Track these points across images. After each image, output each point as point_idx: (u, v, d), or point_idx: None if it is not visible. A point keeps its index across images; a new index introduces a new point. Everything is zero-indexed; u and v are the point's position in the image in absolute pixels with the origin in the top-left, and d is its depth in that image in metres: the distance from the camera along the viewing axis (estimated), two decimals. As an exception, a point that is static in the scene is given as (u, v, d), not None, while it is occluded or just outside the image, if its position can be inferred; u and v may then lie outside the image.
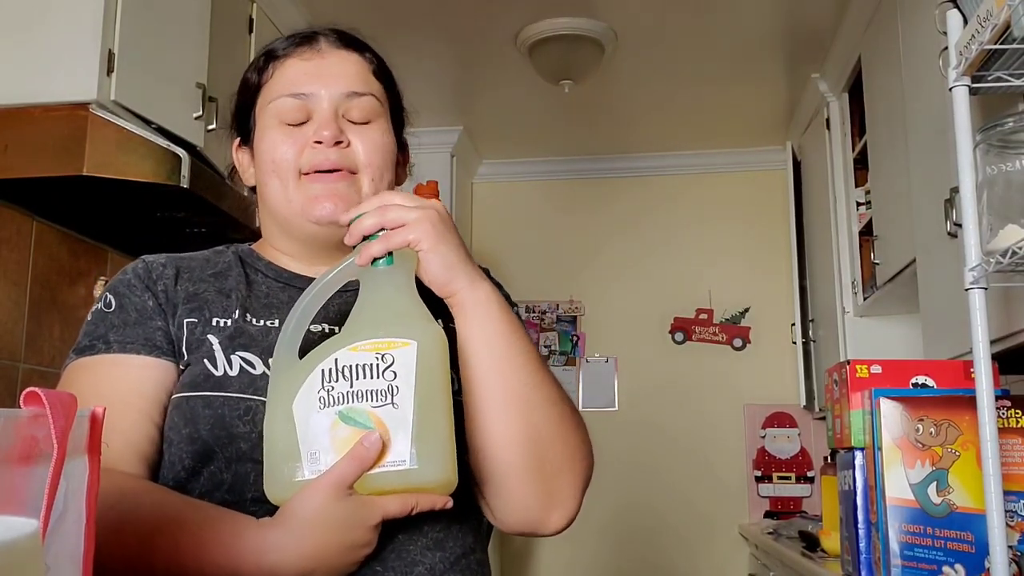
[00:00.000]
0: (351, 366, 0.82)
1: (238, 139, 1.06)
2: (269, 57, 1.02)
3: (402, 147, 1.08)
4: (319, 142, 0.96)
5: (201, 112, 2.15)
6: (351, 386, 0.82)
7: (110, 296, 0.98)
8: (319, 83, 0.98)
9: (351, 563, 0.82)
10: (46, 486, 0.46)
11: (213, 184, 2.01)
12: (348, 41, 1.03)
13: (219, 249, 1.06)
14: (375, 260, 0.88)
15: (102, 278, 2.31)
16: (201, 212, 2.08)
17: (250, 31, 2.57)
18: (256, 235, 1.10)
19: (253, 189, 1.06)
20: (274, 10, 2.71)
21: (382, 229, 0.88)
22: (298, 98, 0.97)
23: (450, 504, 0.83)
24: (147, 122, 1.98)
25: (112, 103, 1.88)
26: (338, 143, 0.96)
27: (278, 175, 0.97)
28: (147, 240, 2.32)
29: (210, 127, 2.18)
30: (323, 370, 0.83)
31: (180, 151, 1.89)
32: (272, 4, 2.70)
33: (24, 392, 0.47)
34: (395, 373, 0.82)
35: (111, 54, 1.88)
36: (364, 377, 0.82)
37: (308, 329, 0.89)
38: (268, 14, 2.67)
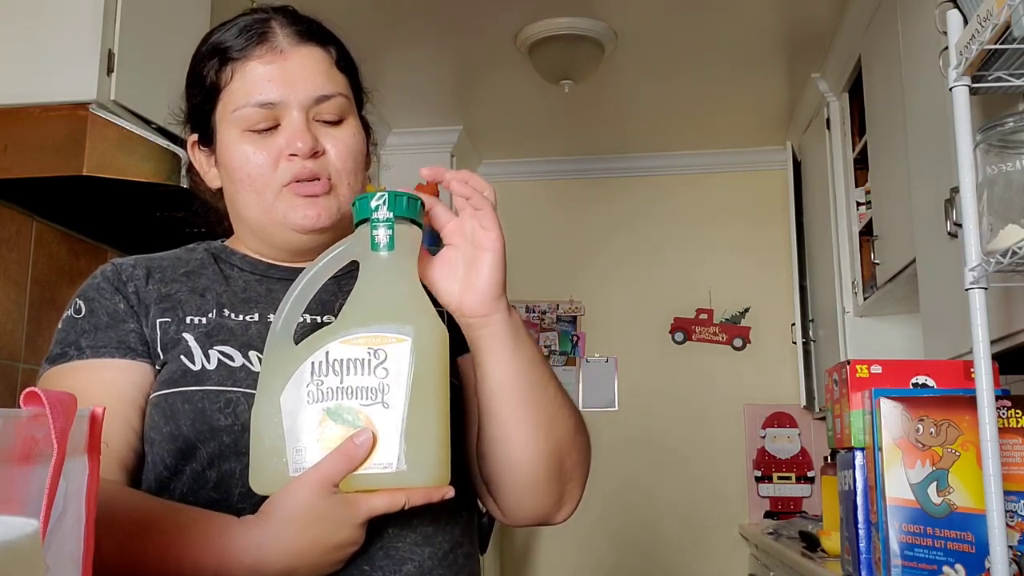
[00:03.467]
0: (342, 360, 0.79)
1: (195, 136, 1.03)
2: (224, 57, 0.96)
3: (365, 129, 1.04)
4: (293, 154, 0.93)
5: (201, 112, 2.15)
6: (341, 382, 0.79)
7: (80, 302, 0.96)
8: (286, 88, 0.93)
9: (336, 561, 0.81)
10: (46, 486, 0.46)
11: (213, 184, 2.01)
12: (307, 33, 0.98)
13: (191, 247, 1.05)
14: (375, 244, 0.84)
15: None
16: (201, 212, 2.08)
17: (250, 31, 2.57)
18: None
19: (218, 190, 1.03)
20: (274, 10, 2.71)
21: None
22: (265, 107, 0.93)
23: (450, 494, 0.80)
24: (147, 122, 1.98)
25: (112, 103, 1.88)
26: (314, 154, 0.93)
27: (255, 189, 0.95)
28: (147, 240, 2.32)
29: (210, 127, 2.18)
30: (313, 363, 0.80)
31: (180, 151, 1.89)
32: (272, 4, 2.70)
33: (24, 392, 0.47)
34: (387, 370, 0.78)
35: (111, 54, 1.88)
36: (355, 373, 0.79)
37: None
38: (268, 14, 2.67)
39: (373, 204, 0.84)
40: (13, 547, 0.41)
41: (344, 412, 0.79)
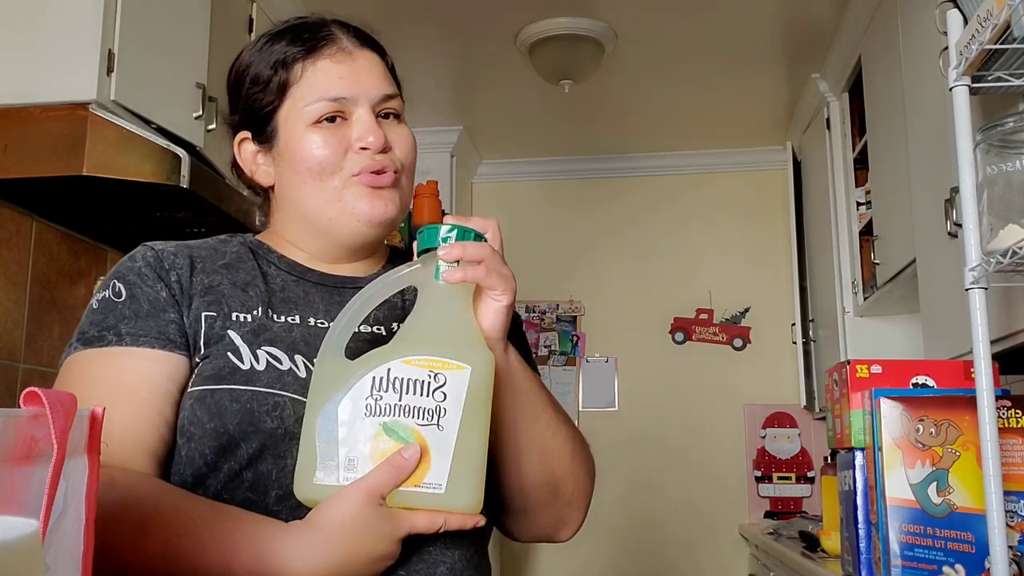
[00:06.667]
0: (403, 379, 0.82)
1: (245, 134, 1.03)
2: (294, 56, 0.98)
3: None
4: (364, 148, 0.96)
5: (201, 112, 2.15)
6: (399, 399, 0.82)
7: (119, 285, 0.95)
8: (356, 86, 0.98)
9: (373, 573, 0.82)
10: (46, 486, 0.46)
11: (213, 184, 2.01)
12: (365, 39, 1.03)
13: (223, 238, 1.04)
14: (441, 275, 0.87)
15: (102, 278, 2.31)
16: (201, 212, 2.08)
17: (250, 31, 2.57)
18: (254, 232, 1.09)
19: (256, 188, 1.04)
20: (274, 10, 2.71)
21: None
22: (336, 102, 0.97)
23: (482, 522, 0.84)
24: (147, 122, 1.98)
25: (112, 103, 1.88)
26: (384, 149, 0.97)
27: (321, 177, 0.97)
28: (147, 240, 2.31)
29: (210, 127, 2.18)
30: (374, 378, 0.82)
31: (180, 151, 1.89)
32: (272, 4, 2.70)
33: (24, 392, 0.47)
34: (445, 395, 0.82)
35: (111, 54, 1.88)
36: (414, 393, 0.82)
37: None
38: (268, 14, 2.67)
39: (442, 236, 0.87)
40: (13, 547, 0.41)
41: (400, 429, 0.81)
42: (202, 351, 0.92)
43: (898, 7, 2.48)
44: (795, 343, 3.82)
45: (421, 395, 0.82)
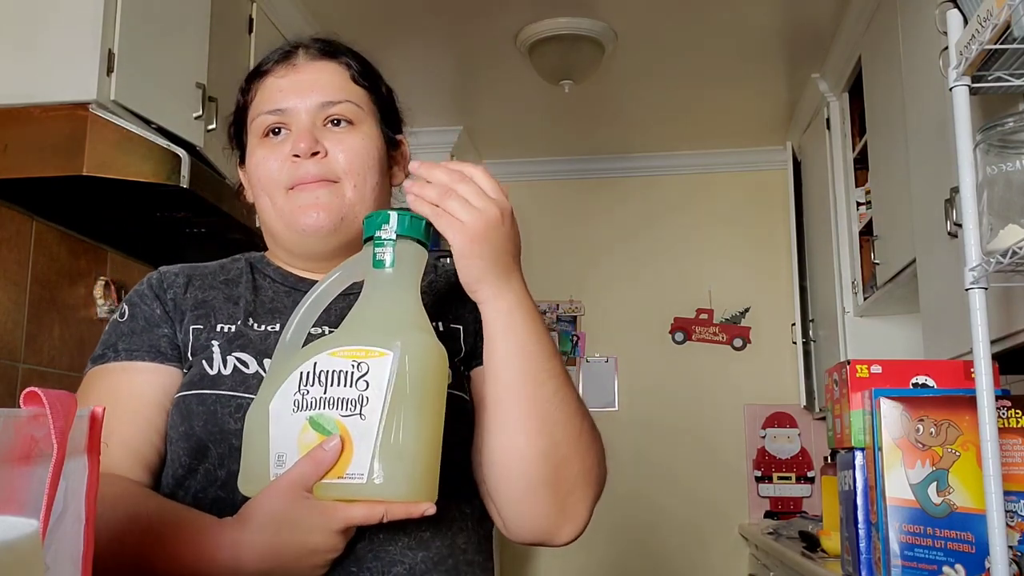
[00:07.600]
0: (327, 372, 0.82)
1: (239, 158, 1.09)
2: (252, 77, 1.04)
3: (396, 145, 1.08)
4: (297, 156, 0.97)
5: (201, 112, 2.15)
6: (324, 392, 0.81)
7: (125, 307, 1.01)
8: (294, 97, 0.99)
9: (314, 566, 0.82)
10: (46, 486, 0.46)
11: (213, 184, 2.01)
12: (325, 50, 1.04)
13: (235, 257, 1.09)
14: (377, 262, 0.86)
15: (102, 278, 2.31)
16: (201, 212, 2.08)
17: (250, 31, 2.57)
18: (256, 233, 1.12)
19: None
20: (274, 10, 2.71)
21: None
22: (274, 114, 0.99)
23: (430, 511, 0.80)
24: (147, 122, 1.98)
25: (112, 103, 1.88)
26: (315, 154, 0.97)
27: (266, 192, 0.99)
28: (147, 240, 2.32)
29: (210, 127, 2.18)
30: (301, 373, 0.83)
31: (180, 151, 1.89)
32: (272, 4, 2.70)
33: (24, 392, 0.47)
34: (367, 383, 0.80)
35: (111, 54, 1.88)
36: (338, 384, 0.81)
37: (308, 331, 0.90)
38: (268, 14, 2.67)
39: (378, 222, 0.87)
40: (13, 547, 0.41)
41: (324, 421, 0.81)
42: (189, 361, 0.96)
43: (898, 7, 2.48)
44: (795, 343, 3.82)
45: (344, 386, 0.81)
